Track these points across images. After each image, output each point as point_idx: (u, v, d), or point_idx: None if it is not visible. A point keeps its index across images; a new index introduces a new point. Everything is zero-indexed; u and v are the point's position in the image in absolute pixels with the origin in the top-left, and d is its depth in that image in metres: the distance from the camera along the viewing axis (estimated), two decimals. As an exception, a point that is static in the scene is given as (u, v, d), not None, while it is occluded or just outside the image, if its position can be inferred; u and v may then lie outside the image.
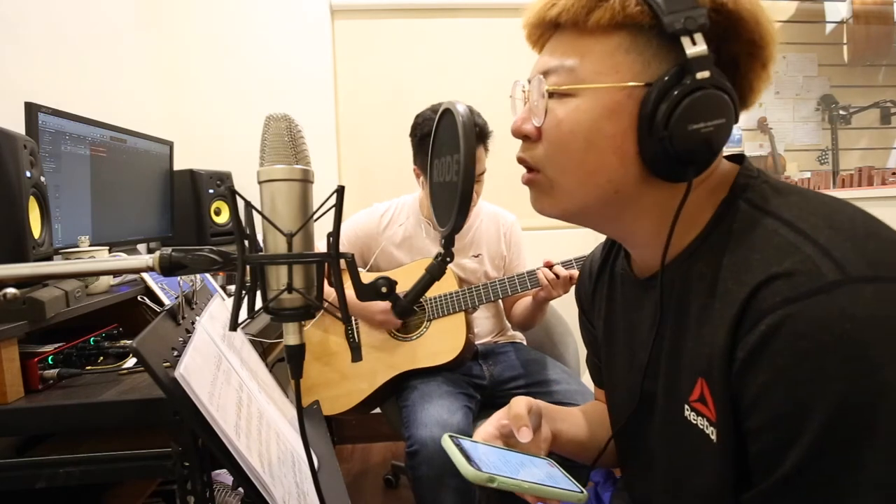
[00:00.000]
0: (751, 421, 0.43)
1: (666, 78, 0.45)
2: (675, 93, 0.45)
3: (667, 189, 0.49)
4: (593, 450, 0.70)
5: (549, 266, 1.35)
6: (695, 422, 0.49)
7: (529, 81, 0.54)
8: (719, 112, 0.45)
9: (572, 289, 1.36)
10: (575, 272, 1.34)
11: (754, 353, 0.41)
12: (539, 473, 0.59)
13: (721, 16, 0.46)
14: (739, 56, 0.48)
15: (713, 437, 0.47)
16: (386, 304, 1.36)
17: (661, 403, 0.55)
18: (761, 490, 0.43)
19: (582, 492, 0.57)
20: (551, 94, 0.50)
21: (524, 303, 1.50)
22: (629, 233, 0.56)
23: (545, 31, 0.54)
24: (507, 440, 0.65)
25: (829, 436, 0.37)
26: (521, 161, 0.55)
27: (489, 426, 0.66)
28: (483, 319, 1.59)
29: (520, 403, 0.64)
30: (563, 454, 0.71)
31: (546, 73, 0.51)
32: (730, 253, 0.46)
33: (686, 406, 0.50)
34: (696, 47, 0.44)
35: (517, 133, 0.54)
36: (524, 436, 0.61)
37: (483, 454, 0.59)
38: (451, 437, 0.59)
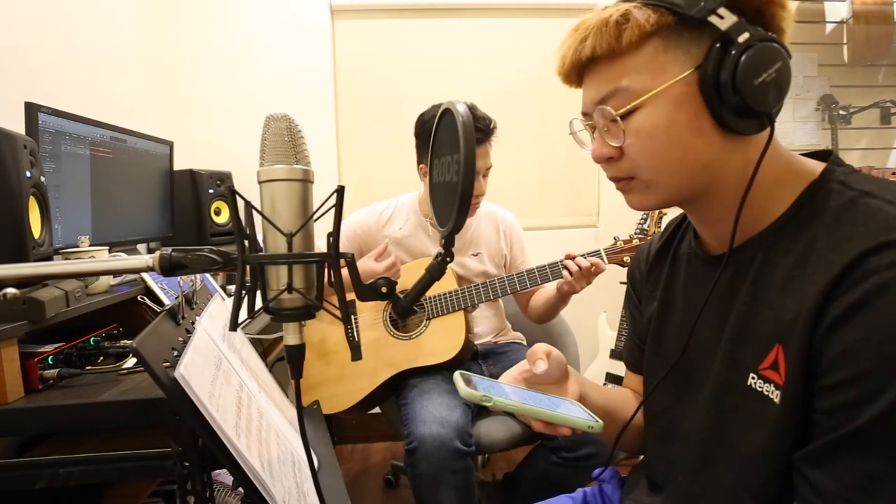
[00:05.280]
0: (830, 377, 0.44)
1: (713, 54, 0.49)
2: (729, 62, 0.48)
3: (749, 143, 0.52)
4: (619, 426, 0.71)
5: (571, 258, 1.34)
6: (759, 388, 0.51)
7: (585, 115, 0.58)
8: (774, 58, 0.49)
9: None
10: (598, 261, 1.33)
11: (852, 309, 0.43)
12: (550, 404, 0.58)
13: None
14: (761, 6, 0.50)
15: (776, 400, 0.49)
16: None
17: (715, 375, 0.57)
18: (823, 444, 0.45)
19: (596, 421, 0.56)
20: (622, 116, 0.53)
21: (545, 295, 1.49)
22: (716, 206, 0.57)
23: (581, 70, 0.57)
24: (532, 388, 0.65)
25: None
26: (613, 179, 0.59)
27: (512, 371, 0.67)
28: (483, 319, 1.59)
29: (539, 345, 0.65)
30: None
31: (602, 102, 0.54)
32: (826, 227, 0.48)
33: (752, 374, 0.52)
34: (725, 20, 0.48)
35: (600, 160, 0.58)
36: (538, 367, 0.62)
37: (491, 385, 0.59)
38: (461, 372, 0.61)
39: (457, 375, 0.59)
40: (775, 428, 0.49)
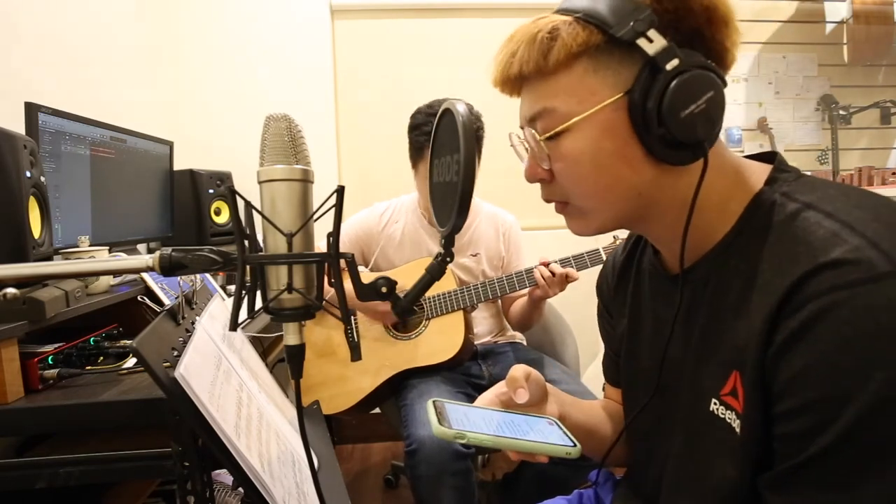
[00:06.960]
0: (782, 404, 0.43)
1: (641, 80, 0.47)
2: (655, 91, 0.46)
3: (685, 172, 0.50)
4: (601, 442, 0.70)
5: (546, 264, 1.35)
6: (722, 416, 0.49)
7: (523, 128, 0.56)
8: (704, 87, 0.46)
9: (569, 286, 1.37)
10: (571, 271, 1.34)
11: (795, 336, 0.41)
12: (527, 430, 0.57)
13: (664, 3, 0.46)
14: (700, 25, 0.48)
15: (738, 429, 0.47)
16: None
17: (684, 398, 0.55)
18: (781, 470, 0.43)
19: (574, 445, 0.55)
20: (547, 138, 0.52)
21: (521, 302, 1.50)
22: (661, 228, 0.56)
23: (514, 84, 0.55)
24: (508, 407, 0.64)
25: (863, 424, 0.38)
26: (548, 201, 0.57)
27: (489, 393, 0.66)
28: (482, 319, 1.59)
29: (518, 369, 0.64)
30: None
31: (532, 121, 0.53)
32: (770, 245, 0.46)
33: (714, 400, 0.50)
34: (654, 44, 0.46)
35: (531, 181, 0.56)
36: (520, 397, 0.61)
37: (465, 415, 0.58)
38: (434, 401, 0.59)
39: (429, 406, 0.58)
40: (737, 457, 0.47)
